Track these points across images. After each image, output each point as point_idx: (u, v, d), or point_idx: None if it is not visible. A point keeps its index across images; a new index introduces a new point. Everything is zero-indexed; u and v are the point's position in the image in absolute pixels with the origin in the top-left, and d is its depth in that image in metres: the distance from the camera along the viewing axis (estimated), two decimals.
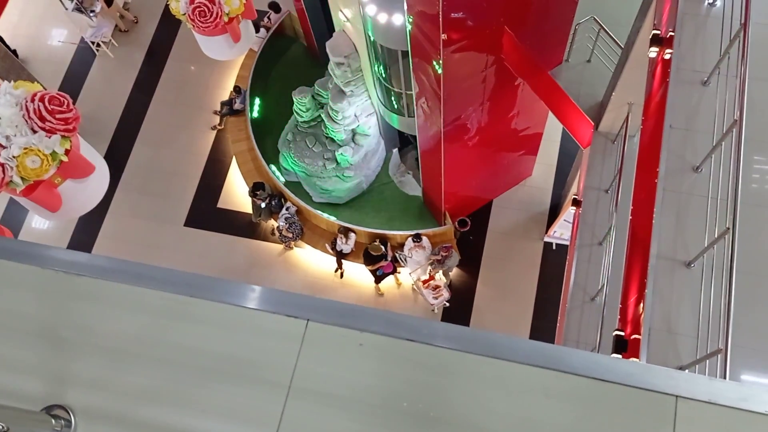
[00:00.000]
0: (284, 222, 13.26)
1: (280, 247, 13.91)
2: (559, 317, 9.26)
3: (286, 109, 14.02)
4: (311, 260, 13.81)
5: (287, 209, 13.42)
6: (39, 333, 2.31)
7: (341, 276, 13.58)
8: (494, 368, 2.16)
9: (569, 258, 9.26)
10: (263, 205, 13.48)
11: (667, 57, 5.61)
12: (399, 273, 13.24)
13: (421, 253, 12.78)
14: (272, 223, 13.89)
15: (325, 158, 13.58)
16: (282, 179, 13.86)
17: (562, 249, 13.07)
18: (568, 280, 8.82)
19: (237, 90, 14.62)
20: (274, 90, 14.80)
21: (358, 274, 13.48)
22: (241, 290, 2.34)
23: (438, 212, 13.18)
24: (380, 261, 12.74)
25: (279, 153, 14.17)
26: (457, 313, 13.12)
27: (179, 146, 15.01)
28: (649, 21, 6.81)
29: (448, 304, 12.98)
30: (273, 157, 14.17)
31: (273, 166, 13.96)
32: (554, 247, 13.48)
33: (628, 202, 6.12)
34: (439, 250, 12.66)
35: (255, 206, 13.68)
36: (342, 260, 13.32)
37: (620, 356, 5.05)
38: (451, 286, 13.14)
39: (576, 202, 9.39)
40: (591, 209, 8.98)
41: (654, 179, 5.23)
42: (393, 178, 14.15)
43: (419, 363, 2.20)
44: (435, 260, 12.67)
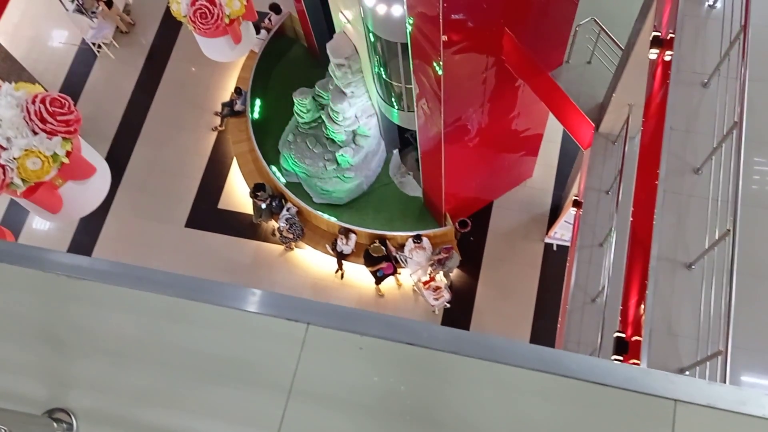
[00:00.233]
0: (285, 223, 13.27)
1: (281, 248, 13.92)
2: (560, 318, 9.26)
3: (287, 110, 14.03)
4: (312, 261, 13.82)
5: (288, 210, 13.43)
6: (41, 336, 2.32)
7: (341, 277, 13.59)
8: (494, 372, 2.16)
9: (570, 259, 9.26)
10: (264, 206, 13.49)
11: (668, 58, 5.61)
12: (399, 274, 13.24)
13: (422, 254, 12.78)
14: (273, 224, 13.90)
15: (326, 159, 13.59)
16: (283, 180, 13.87)
17: (563, 250, 13.07)
18: (569, 282, 8.82)
19: (238, 91, 14.63)
20: (275, 91, 14.81)
21: (359, 275, 13.49)
22: (242, 294, 2.34)
23: (438, 213, 13.18)
24: (381, 262, 12.75)
25: (280, 154, 14.19)
26: (458, 314, 13.12)
27: (180, 147, 15.03)
28: (650, 22, 6.81)
29: (449, 305, 12.99)
30: (274, 158, 14.18)
31: (274, 167, 13.98)
32: (555, 248, 13.48)
33: (629, 204, 6.11)
34: (440, 251, 12.67)
35: (256, 207, 13.69)
36: (342, 261, 13.33)
37: (621, 358, 5.06)
38: (452, 287, 13.15)
39: (576, 204, 9.39)
40: (592, 210, 8.98)
41: (654, 181, 5.23)
42: (393, 179, 14.16)
43: (419, 367, 2.20)
44: (435, 261, 12.68)
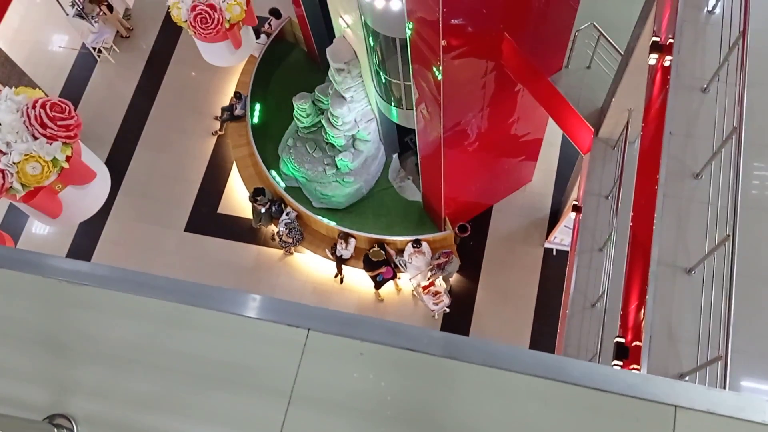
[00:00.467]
0: (284, 227, 13.28)
1: (281, 253, 13.92)
2: (560, 323, 9.26)
3: (287, 115, 14.05)
4: (311, 265, 13.81)
5: (287, 214, 13.43)
6: (41, 342, 2.32)
7: (341, 281, 13.59)
8: (494, 378, 2.16)
9: (570, 264, 9.27)
10: (263, 211, 13.50)
11: (667, 64, 5.63)
12: (399, 279, 13.24)
13: (421, 259, 12.78)
14: (272, 229, 13.90)
15: (325, 163, 13.60)
16: (282, 184, 13.88)
17: (563, 255, 13.07)
18: (569, 286, 8.82)
19: (237, 96, 14.65)
20: (275, 96, 14.83)
21: (358, 280, 13.49)
22: (243, 299, 2.35)
23: (438, 218, 13.18)
24: (380, 266, 12.75)
25: (279, 158, 14.20)
26: (458, 319, 13.11)
27: (180, 152, 15.04)
28: (649, 28, 6.83)
29: (449, 310, 12.98)
30: (273, 163, 14.19)
31: (273, 172, 13.99)
32: (555, 253, 13.48)
33: (629, 208, 6.12)
34: (440, 256, 12.67)
35: (255, 211, 13.70)
36: (342, 265, 13.32)
37: (621, 363, 5.05)
38: (452, 292, 13.14)
39: (576, 208, 9.40)
40: (591, 215, 8.99)
41: (654, 185, 5.24)
42: (393, 184, 14.17)
43: (420, 372, 2.20)
44: (435, 266, 12.67)
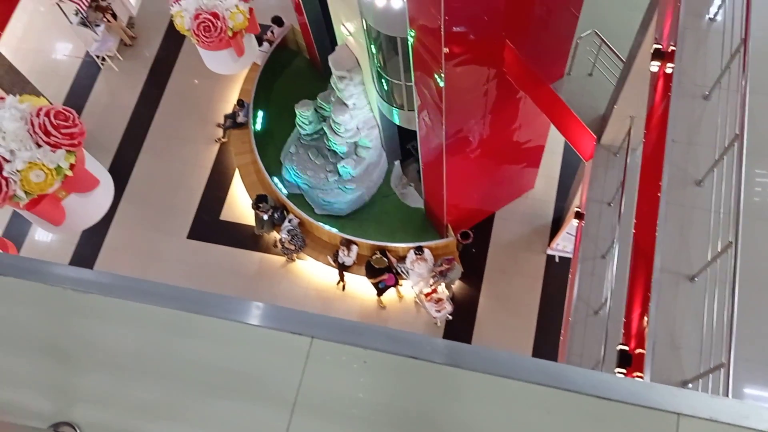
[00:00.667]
0: (287, 234, 13.29)
1: (283, 260, 13.92)
2: (563, 331, 9.24)
3: (289, 122, 14.09)
4: (313, 272, 13.81)
5: (290, 221, 13.45)
6: (45, 350, 2.32)
7: (343, 288, 13.58)
8: (497, 386, 2.16)
9: (572, 271, 9.25)
10: (266, 218, 13.51)
11: (669, 71, 5.63)
12: (401, 286, 13.23)
13: (423, 266, 12.78)
14: (275, 236, 13.91)
15: (328, 170, 13.63)
16: (284, 191, 13.90)
17: (565, 262, 13.06)
18: (572, 294, 8.81)
19: (240, 103, 14.70)
20: (277, 103, 14.87)
21: (360, 287, 13.48)
22: (247, 307, 2.35)
23: (440, 224, 13.19)
24: (382, 273, 12.75)
25: (281, 165, 14.23)
26: (460, 326, 13.09)
27: (183, 159, 15.08)
28: (651, 35, 6.85)
29: (451, 317, 12.97)
30: (276, 170, 14.22)
31: (276, 179, 14.01)
32: (557, 260, 13.47)
33: (631, 216, 6.12)
34: (442, 263, 12.66)
35: (258, 218, 13.71)
36: (344, 272, 13.32)
37: (624, 371, 5.04)
38: (454, 299, 13.13)
39: (579, 215, 9.40)
40: (594, 222, 8.98)
41: (657, 192, 5.24)
42: (395, 191, 14.18)
43: (423, 380, 2.20)
44: (437, 273, 12.67)
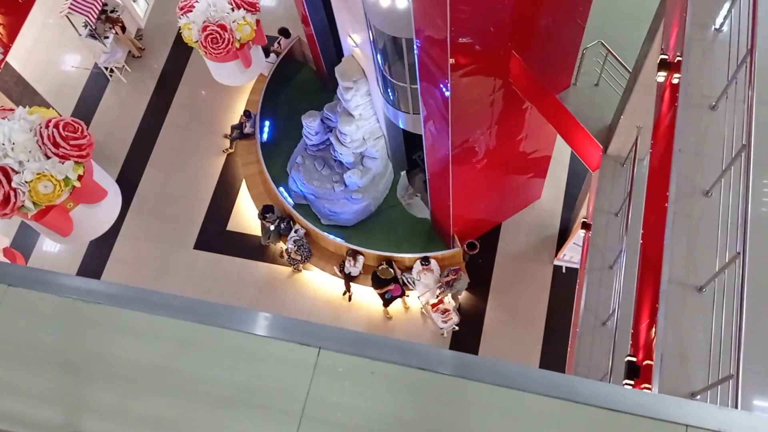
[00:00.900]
0: (293, 244, 13.30)
1: (289, 270, 13.93)
2: (570, 342, 9.20)
3: (296, 133, 14.14)
4: (320, 283, 13.81)
5: (296, 232, 13.46)
6: (54, 361, 2.33)
7: (349, 299, 13.57)
8: (505, 397, 2.15)
9: (579, 282, 9.22)
10: (272, 228, 13.54)
11: (675, 81, 5.64)
12: (407, 296, 13.20)
13: (430, 276, 12.76)
14: (281, 246, 13.93)
15: (334, 181, 13.66)
16: (291, 202, 13.94)
17: (572, 272, 13.01)
18: (579, 304, 8.77)
19: (247, 114, 14.77)
20: (284, 114, 14.94)
21: (367, 297, 13.46)
22: (254, 318, 2.35)
23: (446, 235, 13.17)
24: (389, 284, 12.73)
25: (288, 176, 14.27)
26: (467, 337, 13.05)
27: (190, 170, 15.14)
28: (657, 45, 6.86)
29: (458, 328, 12.93)
30: (282, 180, 14.26)
31: (282, 189, 14.05)
32: (564, 271, 13.42)
33: (639, 226, 6.10)
34: (448, 273, 12.64)
35: (264, 229, 13.74)
36: (350, 283, 13.31)
37: (632, 382, 5.01)
38: (460, 310, 13.09)
39: (586, 226, 9.38)
40: (601, 232, 8.96)
41: (664, 203, 5.23)
42: (401, 201, 14.19)
43: (430, 391, 2.20)
44: (444, 283, 12.64)
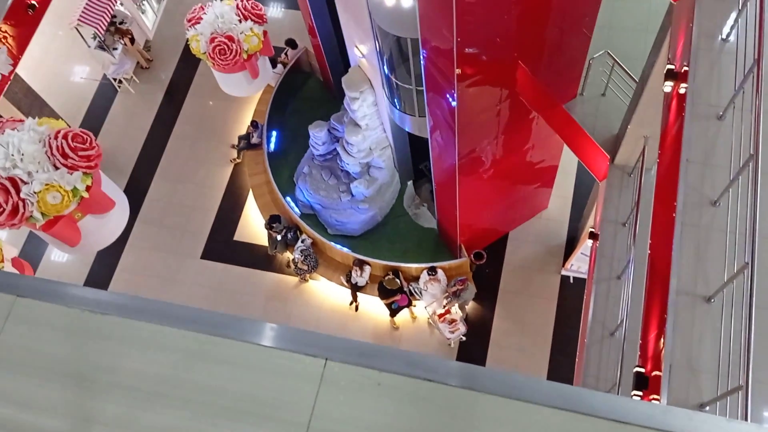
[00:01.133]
0: (300, 254, 13.31)
1: (296, 280, 13.94)
2: (578, 352, 9.15)
3: (302, 143, 14.20)
4: (326, 293, 13.81)
5: (303, 241, 13.48)
6: (62, 372, 2.34)
7: (356, 309, 13.55)
8: (513, 409, 2.14)
9: (587, 292, 9.18)
10: (279, 238, 13.56)
11: (682, 91, 5.63)
12: (414, 306, 13.18)
13: (437, 287, 12.73)
14: (288, 256, 13.94)
15: (341, 191, 13.69)
16: (298, 211, 13.96)
17: (580, 283, 12.96)
18: (587, 315, 8.73)
19: (254, 124, 14.83)
20: (291, 124, 15.00)
21: (373, 307, 13.44)
22: (261, 329, 2.36)
23: (453, 245, 13.16)
24: (395, 294, 12.72)
25: (295, 185, 14.30)
26: (474, 348, 13.00)
27: (197, 180, 15.21)
28: (663, 55, 6.85)
29: (465, 338, 12.88)
30: (289, 190, 14.29)
31: (289, 199, 14.08)
32: (572, 281, 13.37)
33: (646, 236, 6.08)
34: (455, 283, 12.61)
35: (271, 239, 13.76)
36: (357, 293, 13.30)
37: (641, 393, 4.98)
38: (468, 320, 13.05)
39: (593, 236, 9.34)
40: (608, 243, 8.93)
41: (672, 213, 5.21)
42: (408, 211, 14.20)
43: (438, 403, 2.19)
44: (451, 293, 12.61)
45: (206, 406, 2.28)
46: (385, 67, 10.40)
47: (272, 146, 14.72)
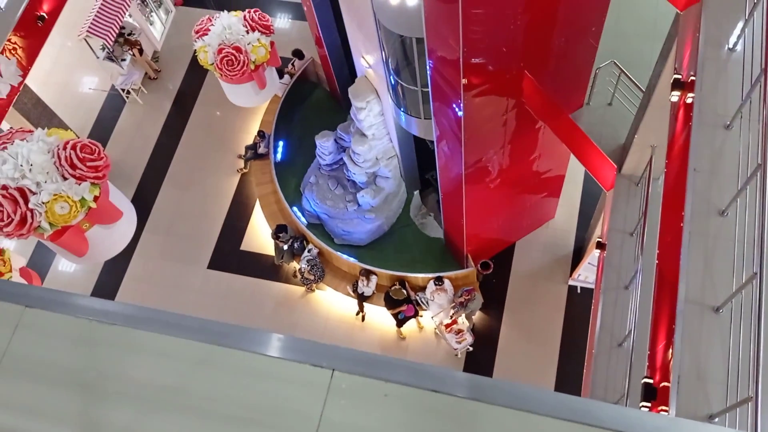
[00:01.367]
0: (306, 264, 13.31)
1: (302, 290, 13.93)
2: (586, 363, 9.10)
3: (309, 153, 14.23)
4: (333, 303, 13.79)
5: (309, 251, 13.48)
6: (70, 381, 2.34)
7: (362, 319, 13.52)
8: (520, 420, 2.13)
9: (595, 302, 9.14)
10: (286, 247, 13.57)
11: (689, 101, 5.62)
12: (421, 316, 13.14)
13: (444, 296, 12.70)
14: (294, 266, 13.95)
15: (347, 200, 13.70)
16: (304, 221, 13.98)
17: (587, 292, 12.91)
18: (594, 325, 8.69)
19: (261, 134, 14.89)
20: (298, 134, 15.05)
21: (380, 317, 13.41)
22: (268, 339, 2.36)
23: (460, 255, 13.14)
24: (401, 304, 12.69)
25: (301, 195, 14.33)
26: (481, 358, 12.95)
27: (204, 189, 15.26)
28: (670, 65, 6.85)
29: (472, 349, 12.83)
30: (296, 200, 14.32)
31: (295, 208, 14.10)
32: (579, 291, 13.32)
33: (654, 246, 6.06)
34: (462, 293, 12.58)
35: (278, 248, 13.77)
36: (363, 303, 13.28)
37: (649, 404, 4.94)
38: (475, 330, 13.01)
39: (600, 245, 9.32)
40: (616, 252, 8.90)
41: (680, 222, 5.19)
42: (414, 220, 14.19)
43: (444, 414, 2.18)
44: (457, 303, 12.58)
45: (213, 416, 2.28)
46: (391, 70, 10.42)
47: (279, 156, 14.77)
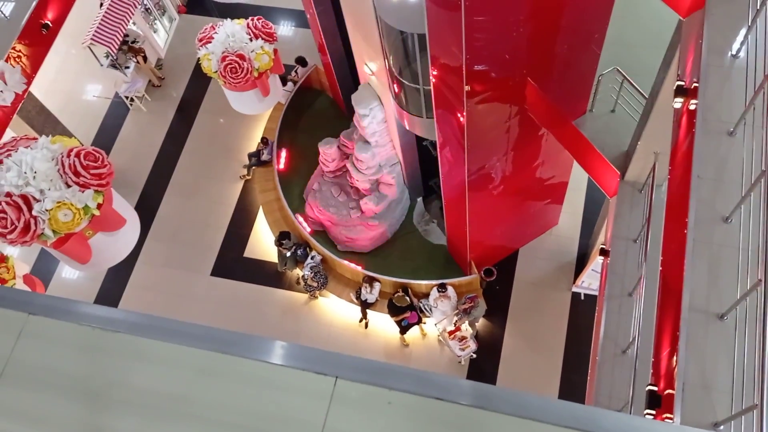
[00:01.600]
0: (309, 271, 13.31)
1: (306, 297, 13.92)
2: (590, 370, 9.06)
3: (312, 160, 14.24)
4: (336, 310, 13.78)
5: (312, 258, 13.48)
6: (74, 389, 2.34)
7: (366, 326, 13.50)
8: (525, 429, 2.12)
9: (598, 309, 9.11)
10: (289, 254, 13.57)
11: (693, 107, 5.61)
12: (424, 323, 13.12)
13: (447, 303, 12.68)
14: (297, 273, 13.94)
15: (350, 207, 13.70)
16: (308, 228, 13.98)
17: (591, 300, 12.87)
18: (598, 332, 8.66)
19: (264, 141, 14.92)
20: (301, 141, 15.07)
21: (383, 324, 13.39)
22: (271, 347, 2.35)
23: (463, 261, 13.12)
24: (405, 311, 12.67)
25: (305, 202, 14.34)
26: (485, 365, 12.91)
27: (208, 197, 15.29)
28: (673, 72, 6.85)
29: (475, 356, 12.80)
30: (299, 207, 14.33)
31: (299, 216, 14.11)
32: (583, 298, 13.29)
33: (658, 253, 6.03)
34: (465, 300, 12.55)
35: (281, 255, 13.78)
36: (366, 310, 13.26)
37: (654, 412, 4.92)
38: (478, 337, 12.98)
39: (604, 252, 9.29)
40: (619, 259, 8.87)
41: (684, 230, 5.17)
42: (417, 227, 14.18)
43: (448, 422, 2.17)
44: (461, 310, 12.56)
45: (217, 424, 2.27)
46: (392, 70, 10.42)
47: (282, 163, 14.80)
